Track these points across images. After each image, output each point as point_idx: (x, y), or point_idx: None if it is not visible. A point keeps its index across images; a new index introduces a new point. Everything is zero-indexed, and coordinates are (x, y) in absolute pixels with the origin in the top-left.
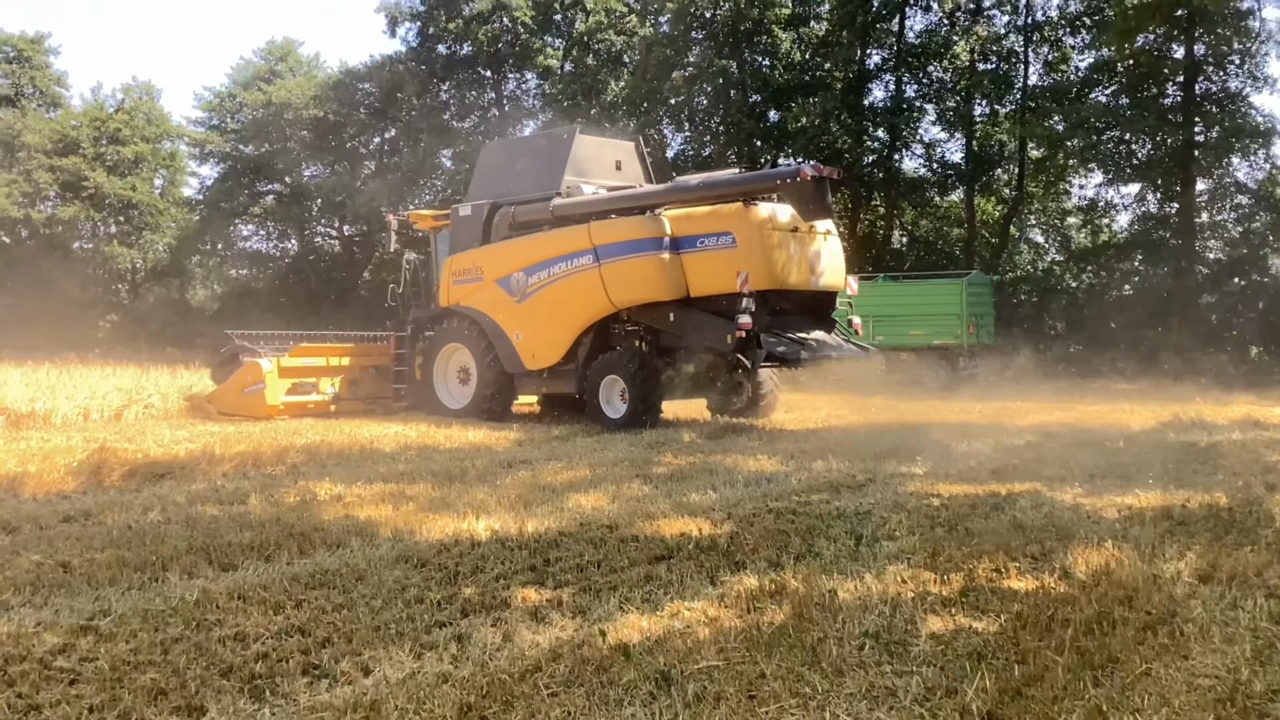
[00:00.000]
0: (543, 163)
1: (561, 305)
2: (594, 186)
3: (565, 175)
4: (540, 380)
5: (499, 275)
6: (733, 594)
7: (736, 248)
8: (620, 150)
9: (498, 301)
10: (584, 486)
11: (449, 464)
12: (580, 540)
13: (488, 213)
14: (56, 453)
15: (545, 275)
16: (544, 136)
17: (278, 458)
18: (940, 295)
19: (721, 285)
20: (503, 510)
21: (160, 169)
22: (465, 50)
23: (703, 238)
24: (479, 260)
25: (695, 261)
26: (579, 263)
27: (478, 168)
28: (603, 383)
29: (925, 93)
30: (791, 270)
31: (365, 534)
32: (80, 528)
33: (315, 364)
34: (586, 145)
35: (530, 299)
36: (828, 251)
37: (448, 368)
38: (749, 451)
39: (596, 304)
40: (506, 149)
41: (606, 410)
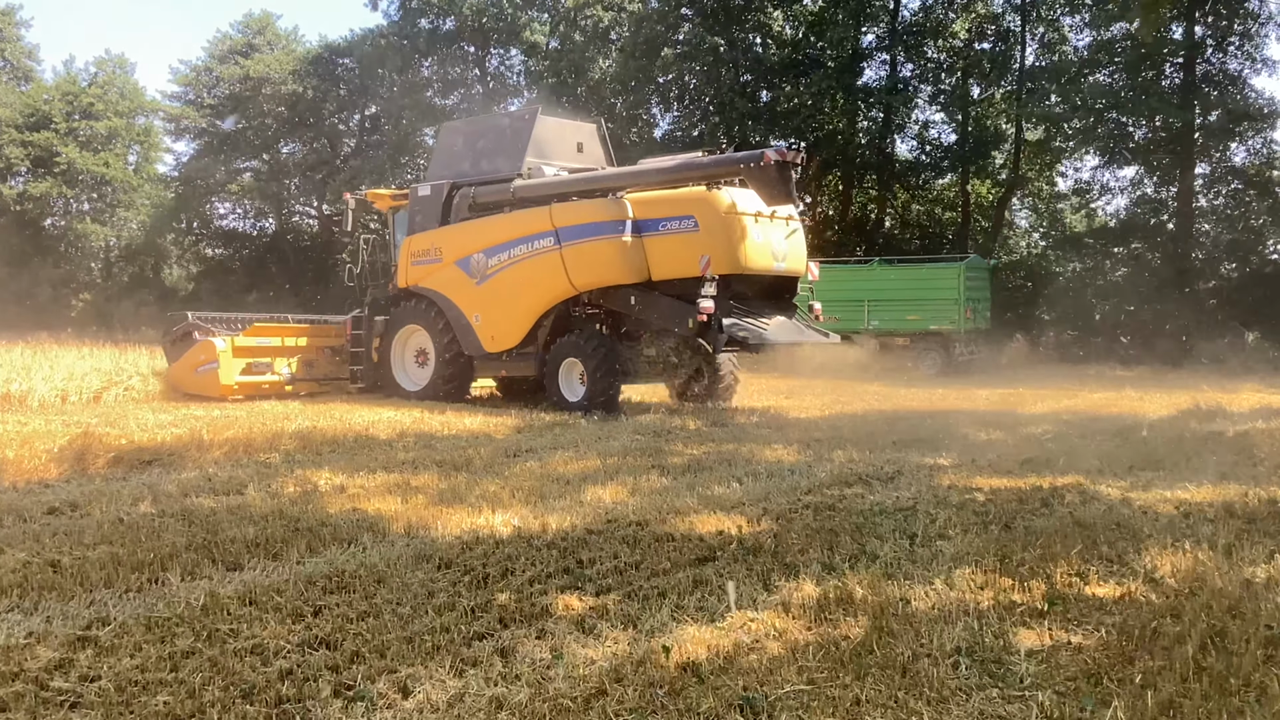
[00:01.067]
0: (504, 144)
1: (522, 287)
2: (555, 168)
3: (527, 157)
4: (499, 363)
5: (458, 256)
6: (795, 602)
7: (699, 232)
8: (581, 132)
9: (457, 283)
10: (599, 478)
11: (452, 453)
12: (611, 539)
13: (447, 193)
14: (35, 437)
15: (506, 257)
16: (505, 117)
17: (270, 444)
18: (937, 280)
19: (683, 269)
20: (518, 504)
21: (134, 145)
22: (449, 25)
23: (665, 221)
24: (438, 241)
25: (657, 245)
26: (540, 245)
27: (436, 147)
28: (562, 365)
29: (921, 73)
30: (753, 255)
31: (376, 529)
32: (67, 520)
33: (270, 344)
34: (548, 127)
35: (490, 281)
36: (790, 236)
37: (405, 349)
38: (762, 440)
39: (558, 287)
40: (466, 129)
41: (566, 393)
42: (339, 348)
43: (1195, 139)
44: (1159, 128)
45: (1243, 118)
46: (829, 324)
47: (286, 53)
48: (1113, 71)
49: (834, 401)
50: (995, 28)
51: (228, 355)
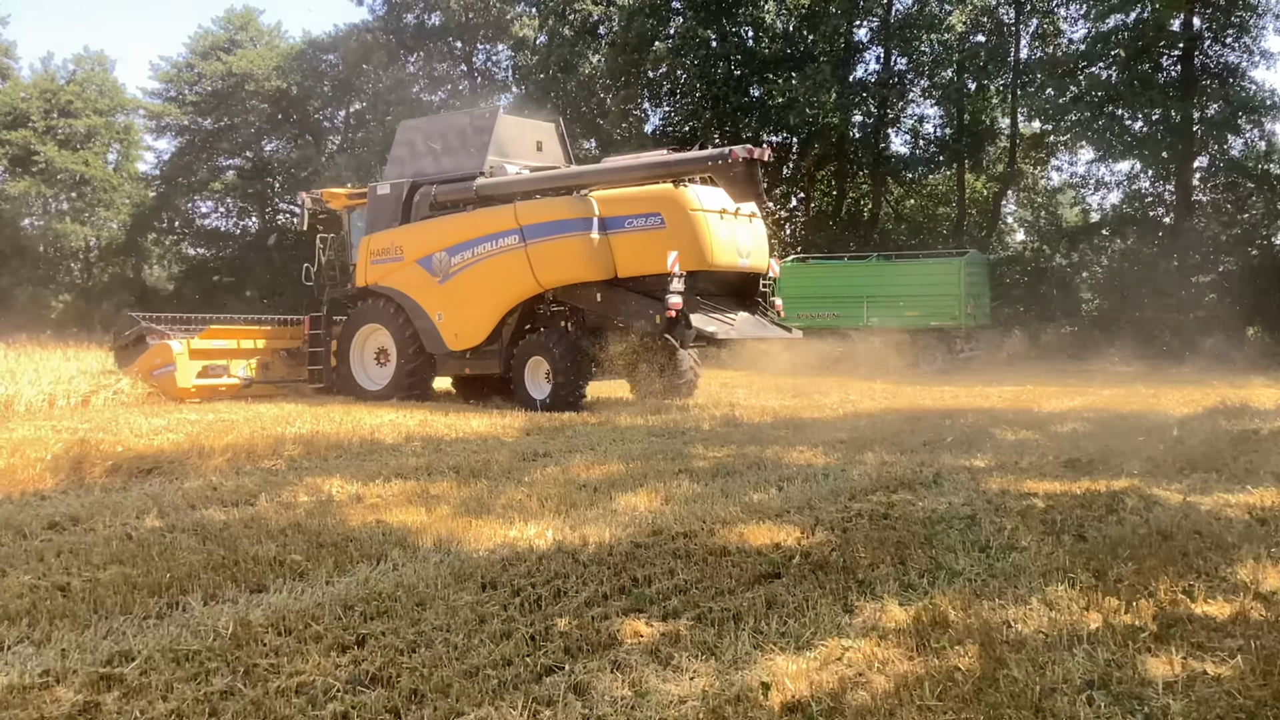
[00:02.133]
0: (465, 142)
1: (486, 285)
2: (517, 167)
3: (489, 155)
4: (463, 361)
5: (420, 255)
6: (885, 626)
7: (665, 228)
8: (541, 131)
9: (419, 281)
10: (626, 484)
11: (465, 458)
12: (662, 553)
13: (407, 192)
14: (26, 445)
15: (469, 255)
16: (465, 115)
17: (273, 450)
18: (937, 275)
19: (650, 266)
20: (549, 514)
21: (114, 143)
22: (435, 20)
23: (631, 218)
24: (399, 240)
25: (624, 242)
26: (505, 243)
27: (395, 145)
28: (528, 363)
29: (915, 67)
30: (719, 252)
31: (405, 544)
32: (71, 537)
33: (226, 347)
34: (509, 125)
35: (453, 279)
36: (753, 233)
37: (364, 349)
38: (783, 442)
39: (523, 284)
40: (426, 128)
41: (531, 390)
42: (294, 350)
43: (1194, 132)
44: (1157, 121)
45: (1242, 110)
46: (828, 320)
47: (269, 48)
48: (1110, 64)
49: (843, 400)
50: (990, 20)
51: (184, 358)
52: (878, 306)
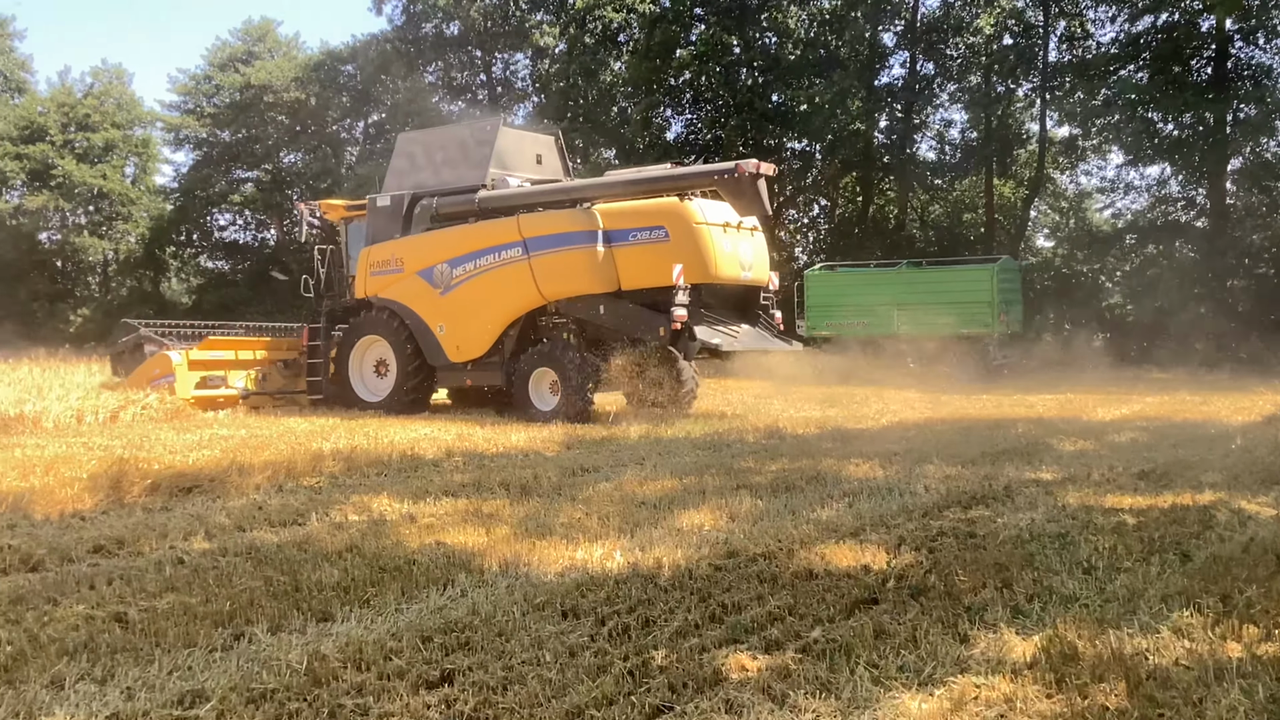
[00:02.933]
0: (466, 155)
1: (489, 297)
2: (518, 179)
3: (490, 168)
4: (464, 373)
5: (421, 267)
6: (1011, 659)
7: (669, 242)
8: (540, 144)
9: (420, 293)
10: (685, 500)
11: (511, 473)
12: (744, 577)
13: (408, 204)
14: (60, 463)
15: (471, 267)
16: (466, 127)
17: (313, 466)
18: (970, 282)
19: (654, 278)
20: (612, 533)
21: (132, 156)
22: (454, 29)
23: (635, 231)
24: (399, 251)
25: (627, 255)
26: (507, 255)
27: (394, 157)
28: (533, 375)
29: (942, 71)
30: (723, 265)
31: (470, 567)
32: (119, 562)
33: (224, 358)
34: (509, 138)
35: (455, 291)
36: (755, 246)
37: (364, 360)
38: (835, 455)
39: (526, 296)
40: (426, 140)
41: (536, 402)
42: (292, 361)
43: (1228, 134)
44: (1189, 123)
45: (1276, 111)
46: (857, 329)
47: (288, 59)
48: (1140, 66)
49: (884, 410)
50: (1018, 23)
51: (183, 369)
52: (908, 314)
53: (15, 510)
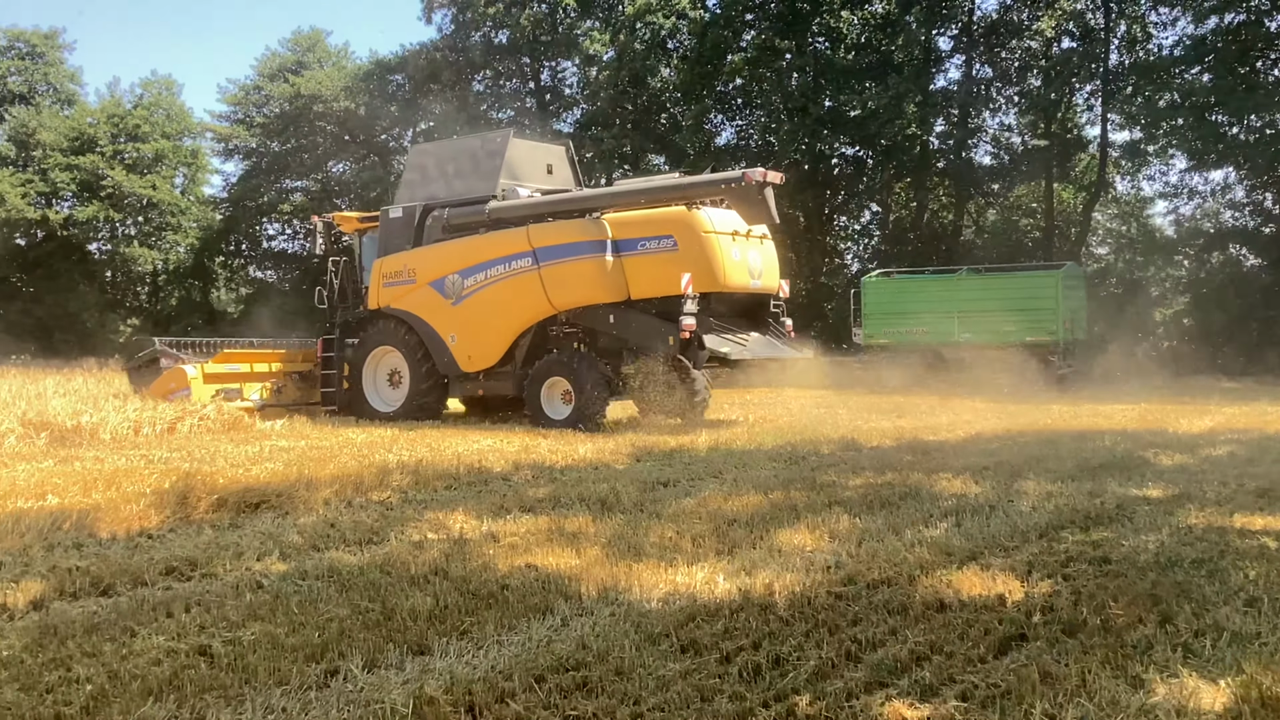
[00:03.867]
0: (477, 166)
1: (499, 307)
2: (529, 190)
3: (501, 179)
4: (476, 382)
5: (433, 278)
6: (1204, 709)
7: (678, 251)
8: (551, 154)
9: (431, 304)
10: (778, 518)
11: (584, 487)
12: (872, 607)
13: (420, 215)
14: (121, 477)
15: (482, 277)
16: (477, 139)
17: (380, 480)
18: (1034, 288)
19: (663, 288)
20: (710, 554)
21: (181, 166)
22: (502, 38)
23: (644, 240)
24: (411, 263)
25: (636, 264)
26: (518, 265)
27: (407, 169)
28: (545, 384)
29: (999, 75)
30: (732, 273)
31: (567, 593)
32: (194, 586)
33: (239, 370)
34: (520, 149)
35: (466, 301)
36: (764, 255)
37: (377, 371)
38: (920, 468)
39: (536, 306)
40: (437, 152)
41: (548, 411)
42: (306, 373)
43: None
44: (1258, 126)
45: None
46: (917, 337)
47: (337, 69)
48: (1206, 67)
49: (956, 421)
50: (1078, 26)
51: (199, 382)
52: (969, 322)
53: (80, 528)
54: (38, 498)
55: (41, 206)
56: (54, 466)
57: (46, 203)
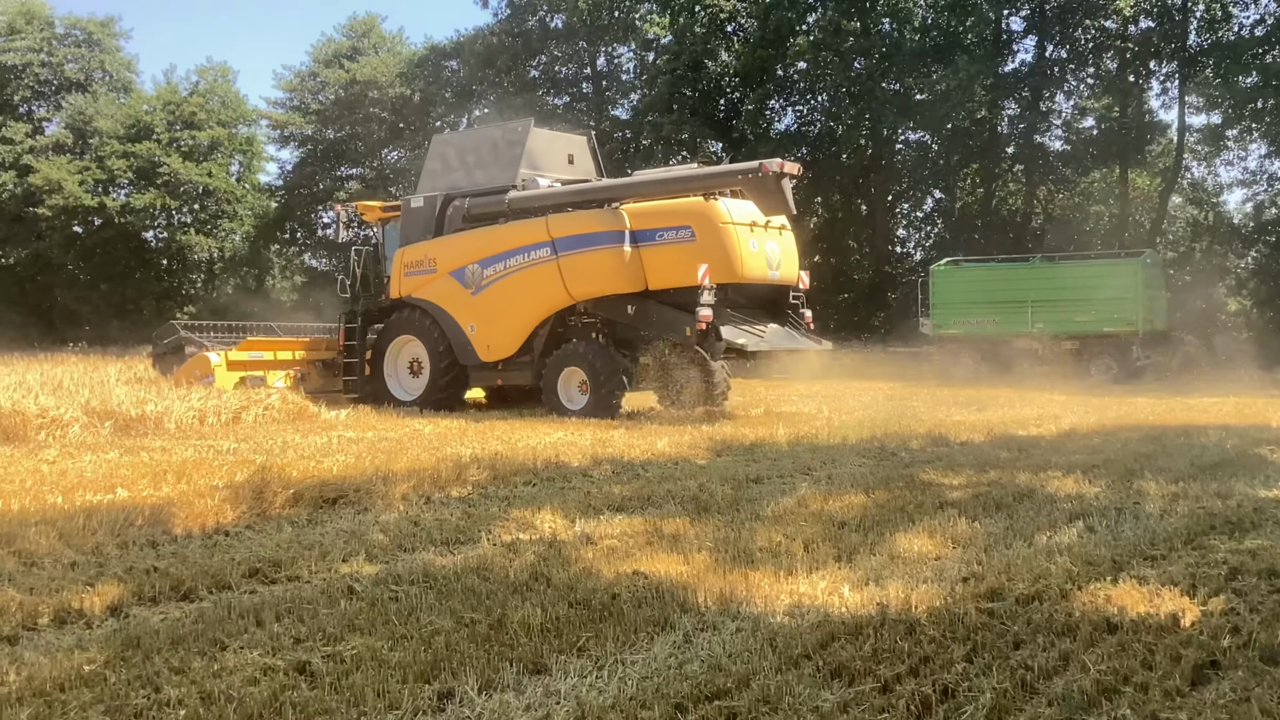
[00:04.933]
0: (498, 156)
1: (518, 297)
2: (549, 180)
3: (521, 168)
4: (495, 372)
5: (453, 267)
6: None
7: (696, 241)
8: (572, 144)
9: (452, 293)
10: (890, 520)
11: (672, 484)
12: (1033, 628)
13: (440, 205)
14: (191, 469)
15: (501, 267)
16: (498, 129)
17: (457, 475)
18: (1112, 277)
19: (681, 278)
20: (827, 561)
21: (237, 154)
22: (558, 22)
23: (662, 231)
24: (432, 252)
25: (654, 255)
26: (536, 255)
27: (428, 159)
28: (562, 374)
29: (1075, 56)
30: (749, 264)
31: (685, 605)
32: (281, 590)
33: (263, 358)
34: (541, 138)
35: (486, 291)
36: (783, 246)
37: (398, 359)
38: (1021, 466)
39: (554, 296)
40: (458, 142)
41: (565, 402)
42: (330, 360)
43: None
44: None
45: None
46: (988, 327)
47: (392, 55)
48: None
49: (1044, 415)
50: (1155, 5)
51: (222, 369)
52: (1043, 311)
53: (154, 524)
54: (106, 490)
55: (98, 194)
56: (120, 457)
57: (103, 190)
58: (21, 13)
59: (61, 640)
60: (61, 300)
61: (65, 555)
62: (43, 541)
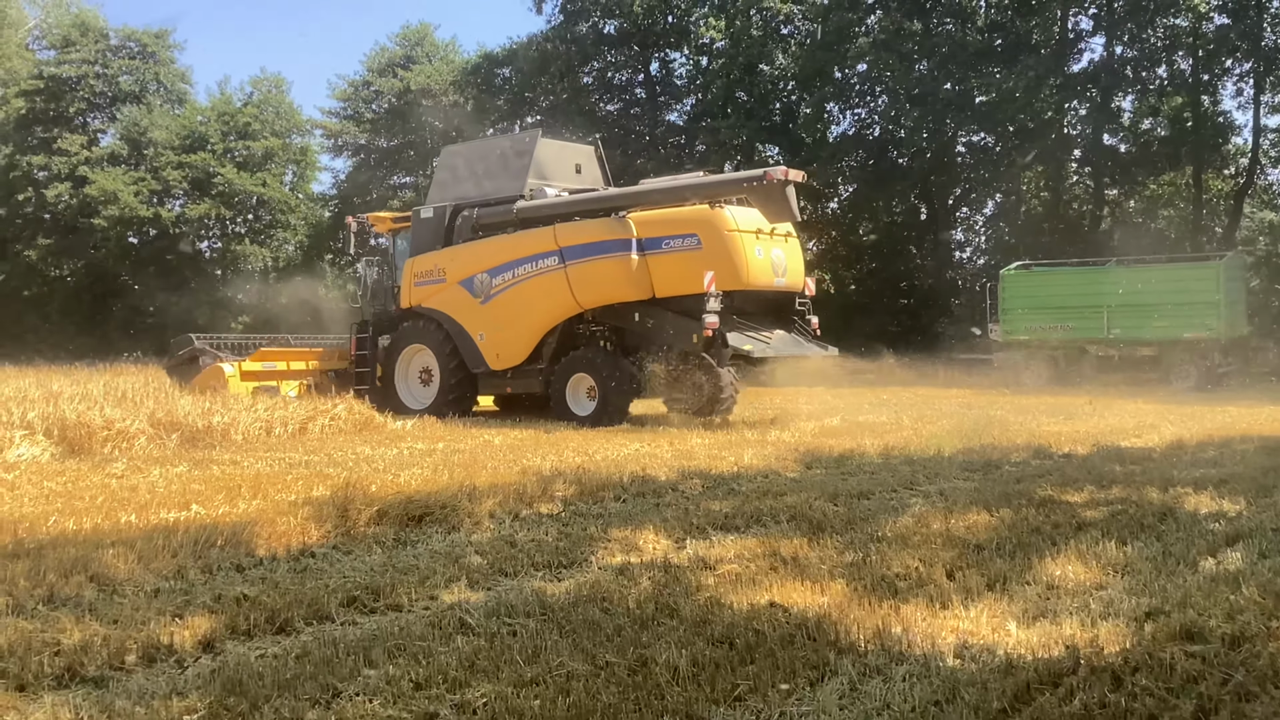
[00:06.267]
0: (506, 166)
1: (527, 306)
2: (556, 189)
3: (529, 178)
4: (504, 380)
5: (462, 277)
6: None
7: (702, 249)
8: (580, 154)
9: (461, 303)
10: (1029, 543)
11: (778, 501)
12: (1258, 677)
13: (450, 215)
14: (265, 483)
15: (510, 276)
16: (506, 139)
17: (543, 490)
18: (1192, 281)
19: (687, 286)
20: (984, 593)
21: (290, 164)
22: (610, 28)
23: (668, 239)
24: (441, 262)
25: (661, 263)
26: (544, 264)
27: (438, 170)
28: (570, 381)
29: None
30: (755, 271)
31: (838, 644)
32: (384, 621)
33: (276, 368)
34: (548, 149)
35: (494, 300)
36: (789, 253)
37: (409, 368)
38: (1144, 481)
39: (562, 305)
40: (467, 152)
41: (574, 408)
42: (343, 371)
43: None
44: None
45: None
46: (1061, 333)
47: (445, 63)
48: None
49: (1139, 424)
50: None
51: (235, 379)
52: (1120, 317)
53: (235, 544)
54: (181, 506)
55: (154, 205)
56: (191, 471)
57: (158, 201)
58: (76, 25)
59: (154, 684)
60: (117, 311)
61: (146, 581)
62: (121, 565)
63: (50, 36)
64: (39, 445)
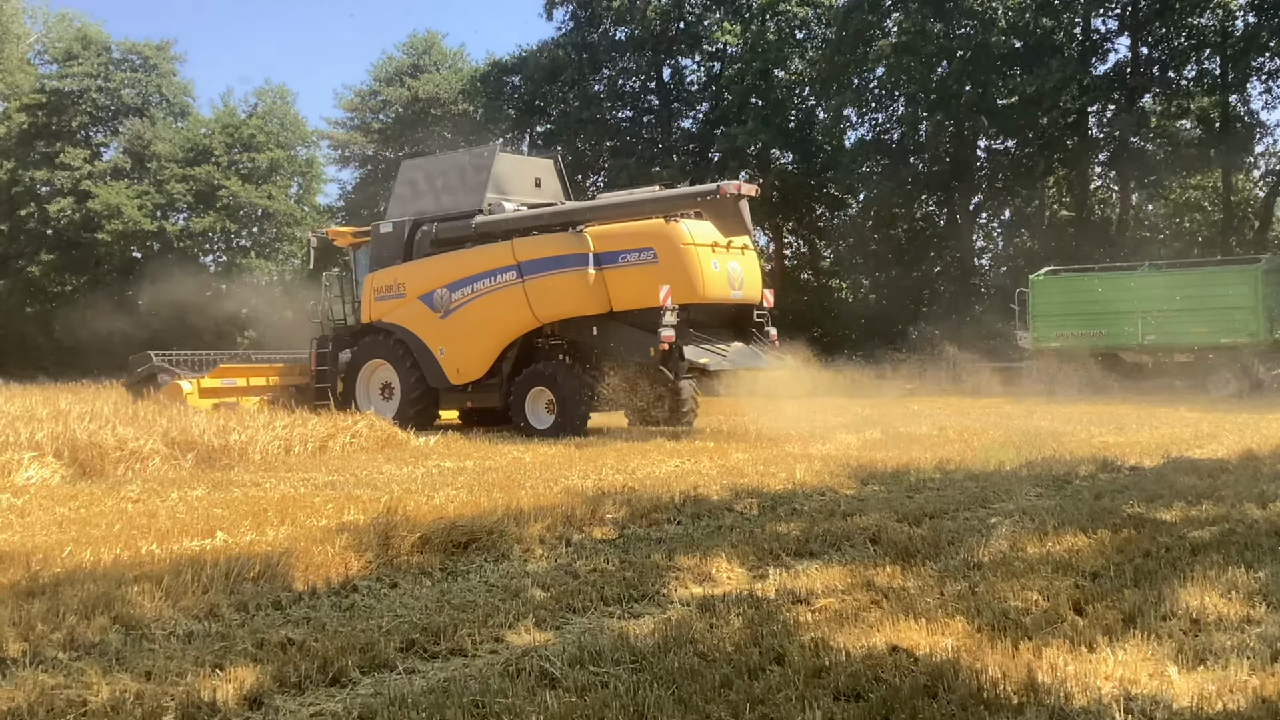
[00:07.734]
0: (465, 181)
1: (486, 320)
2: (515, 204)
3: (487, 193)
4: (464, 394)
5: (422, 291)
6: None
7: (658, 263)
8: (539, 168)
9: (421, 317)
10: (1151, 571)
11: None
12: None
13: (409, 230)
14: (293, 507)
15: (469, 291)
16: (465, 154)
17: (592, 513)
18: (1231, 285)
19: (644, 299)
20: (1122, 629)
21: (296, 176)
22: (620, 35)
23: (625, 253)
24: (401, 277)
25: (618, 277)
26: (503, 279)
27: (397, 185)
28: (529, 395)
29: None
30: (711, 285)
31: (984, 697)
32: (448, 669)
33: (235, 385)
34: (507, 163)
35: (454, 315)
36: (745, 266)
37: (370, 384)
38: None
39: (521, 319)
40: (427, 167)
41: (533, 421)
42: (303, 386)
43: None
44: None
45: None
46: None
47: (453, 71)
48: None
49: (1197, 433)
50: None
51: (194, 396)
52: (1154, 322)
53: (270, 578)
54: (204, 534)
55: (158, 219)
56: (211, 494)
57: (162, 214)
58: (78, 38)
59: None
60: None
61: (178, 623)
62: (147, 604)
63: (52, 50)
64: (49, 467)
